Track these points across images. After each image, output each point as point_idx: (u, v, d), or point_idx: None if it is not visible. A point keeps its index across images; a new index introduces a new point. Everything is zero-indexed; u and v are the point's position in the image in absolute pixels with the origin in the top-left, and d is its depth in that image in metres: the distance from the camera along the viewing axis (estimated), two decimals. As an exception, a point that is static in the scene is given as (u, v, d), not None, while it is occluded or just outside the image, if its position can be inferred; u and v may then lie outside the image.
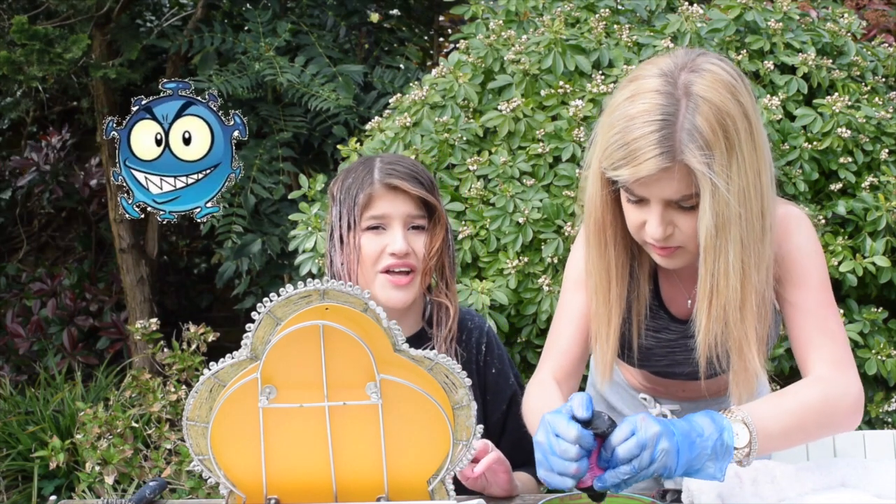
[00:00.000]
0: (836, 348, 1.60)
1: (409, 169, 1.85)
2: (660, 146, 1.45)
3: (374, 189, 1.82)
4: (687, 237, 1.54)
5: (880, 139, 2.85)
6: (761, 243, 1.53)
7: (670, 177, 1.47)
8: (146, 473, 2.88)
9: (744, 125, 1.49)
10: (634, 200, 1.53)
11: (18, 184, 5.04)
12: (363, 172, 1.85)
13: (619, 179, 1.50)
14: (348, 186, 1.85)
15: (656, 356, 1.77)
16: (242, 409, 1.44)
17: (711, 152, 1.45)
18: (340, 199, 1.85)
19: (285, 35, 4.17)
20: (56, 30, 3.86)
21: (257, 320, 1.41)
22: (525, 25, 3.14)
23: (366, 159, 1.90)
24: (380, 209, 1.82)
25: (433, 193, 1.86)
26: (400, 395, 1.43)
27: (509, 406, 1.92)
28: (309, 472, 1.48)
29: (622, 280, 1.65)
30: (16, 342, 4.72)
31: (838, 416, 1.55)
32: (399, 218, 1.82)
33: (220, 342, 3.05)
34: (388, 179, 1.82)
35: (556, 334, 1.76)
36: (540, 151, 2.75)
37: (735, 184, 1.47)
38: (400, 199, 1.82)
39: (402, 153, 2.83)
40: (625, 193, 1.55)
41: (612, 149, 1.49)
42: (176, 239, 5.18)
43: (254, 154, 4.18)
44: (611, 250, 1.63)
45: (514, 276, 2.62)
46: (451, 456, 1.47)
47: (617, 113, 1.51)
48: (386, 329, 1.42)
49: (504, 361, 1.95)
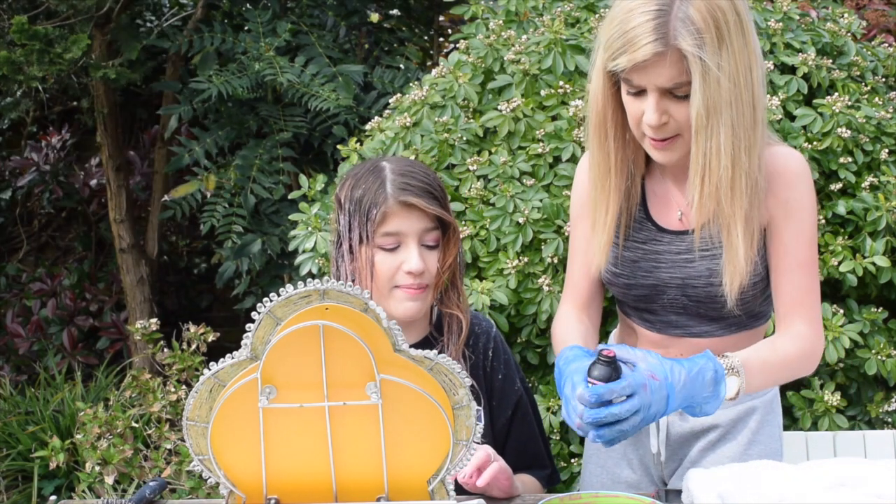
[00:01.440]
0: (816, 307, 1.77)
1: (422, 183, 1.80)
2: (655, 33, 1.59)
3: (388, 206, 1.77)
4: (681, 125, 1.66)
5: (880, 139, 2.84)
6: (752, 131, 1.66)
7: (664, 62, 1.60)
8: (146, 473, 2.88)
9: (734, 20, 1.62)
10: (633, 92, 1.66)
11: (18, 184, 5.04)
12: (374, 184, 1.79)
13: (617, 68, 1.63)
14: (359, 198, 1.79)
15: (642, 271, 1.82)
16: (242, 409, 1.45)
17: (702, 39, 1.59)
18: (350, 210, 1.80)
19: (285, 35, 4.17)
20: (56, 30, 3.86)
21: (257, 320, 1.41)
22: (525, 25, 3.14)
23: (374, 167, 1.84)
24: (394, 226, 1.78)
25: (447, 208, 1.83)
26: (400, 395, 1.43)
27: (514, 411, 1.91)
28: (309, 472, 1.48)
29: (621, 171, 1.78)
30: (16, 342, 4.72)
31: (805, 370, 1.77)
32: (414, 235, 1.79)
33: (220, 342, 3.05)
34: (403, 197, 1.77)
35: (569, 271, 1.94)
36: (540, 151, 2.75)
37: (725, 71, 1.60)
38: (415, 216, 1.79)
39: (402, 153, 2.83)
40: (625, 87, 1.68)
41: (612, 39, 1.63)
42: (176, 239, 5.18)
43: (254, 154, 4.18)
44: (610, 142, 1.76)
45: (514, 276, 2.62)
46: (451, 456, 1.47)
47: (617, 8, 1.65)
48: (386, 329, 1.42)
49: (510, 366, 1.94)
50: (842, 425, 2.62)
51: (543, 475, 1.92)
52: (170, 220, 4.77)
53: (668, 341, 1.86)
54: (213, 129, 4.31)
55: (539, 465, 1.91)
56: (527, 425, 1.92)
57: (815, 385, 2.69)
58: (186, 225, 5.08)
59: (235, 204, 4.14)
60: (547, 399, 2.63)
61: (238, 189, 4.14)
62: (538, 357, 2.69)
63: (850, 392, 2.75)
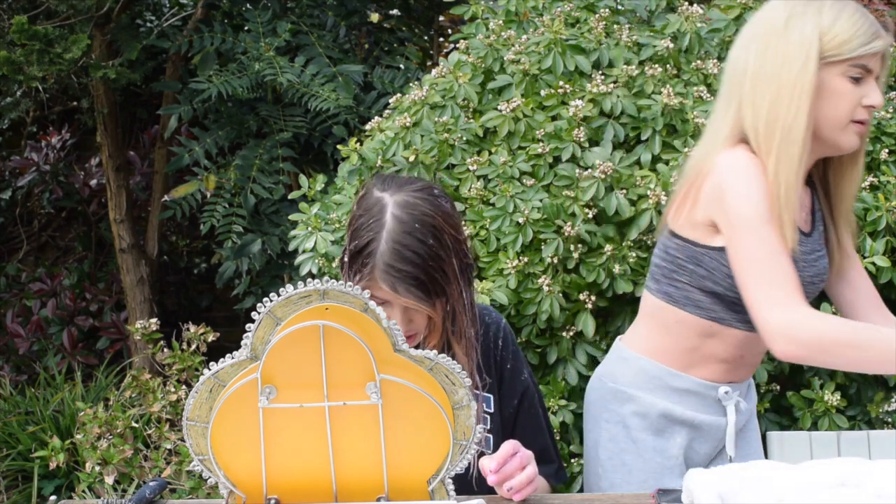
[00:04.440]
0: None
1: (409, 265, 1.69)
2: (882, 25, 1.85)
3: (373, 277, 1.70)
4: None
5: (880, 139, 2.85)
6: None
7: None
8: (146, 473, 2.88)
9: None
10: (857, 78, 1.81)
11: (18, 184, 5.05)
12: (369, 244, 1.71)
13: (872, 50, 1.80)
14: (354, 250, 1.73)
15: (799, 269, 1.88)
16: (242, 409, 1.45)
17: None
18: (348, 252, 1.75)
19: (285, 35, 4.17)
20: (56, 30, 3.86)
21: (257, 320, 1.41)
22: (525, 25, 3.13)
23: (379, 212, 1.73)
24: (377, 293, 1.70)
25: (431, 293, 1.71)
26: (400, 395, 1.43)
27: (521, 401, 1.91)
28: (309, 472, 1.48)
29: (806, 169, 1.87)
30: (16, 342, 4.72)
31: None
32: (398, 306, 1.73)
33: (220, 342, 3.05)
34: (385, 280, 1.69)
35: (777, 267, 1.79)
36: (540, 151, 2.75)
37: None
38: (398, 292, 1.71)
39: (402, 153, 2.83)
40: (845, 75, 1.81)
41: (862, 29, 1.80)
42: (176, 239, 5.18)
43: (254, 154, 4.18)
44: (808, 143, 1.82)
45: (514, 276, 2.62)
46: (451, 456, 1.47)
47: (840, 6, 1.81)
48: (386, 329, 1.42)
49: (518, 358, 1.94)
50: (842, 425, 2.62)
51: (550, 471, 1.92)
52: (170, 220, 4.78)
53: (753, 338, 1.91)
54: (213, 129, 4.31)
55: (546, 460, 1.91)
56: (533, 417, 1.92)
57: (815, 385, 2.69)
58: (186, 225, 5.08)
59: (235, 204, 4.15)
60: (547, 399, 2.63)
61: (238, 189, 4.14)
62: (538, 357, 2.69)
63: (850, 392, 2.75)
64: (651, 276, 1.99)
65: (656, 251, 1.99)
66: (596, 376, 2.08)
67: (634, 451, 1.96)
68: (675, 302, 1.92)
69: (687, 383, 1.95)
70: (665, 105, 2.74)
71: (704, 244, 1.87)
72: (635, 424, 1.96)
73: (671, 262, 1.93)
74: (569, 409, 2.62)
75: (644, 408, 1.96)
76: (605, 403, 2.01)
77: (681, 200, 1.91)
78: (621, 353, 2.03)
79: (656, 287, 1.96)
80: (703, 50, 2.98)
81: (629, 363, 2.00)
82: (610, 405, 2.00)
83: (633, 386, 1.98)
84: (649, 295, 1.99)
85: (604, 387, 2.02)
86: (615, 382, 2.00)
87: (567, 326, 2.65)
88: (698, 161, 1.90)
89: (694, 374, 1.95)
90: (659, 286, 1.95)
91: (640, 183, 2.66)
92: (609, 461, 1.98)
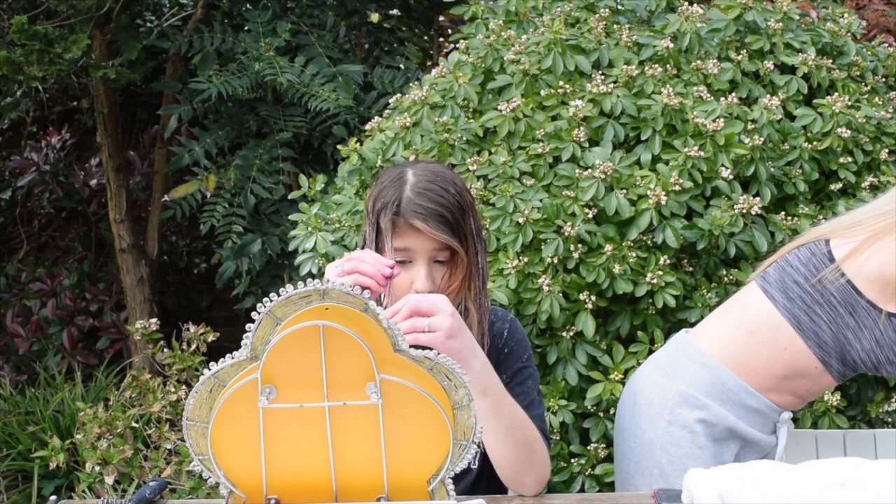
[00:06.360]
0: None
1: (436, 205, 1.78)
2: None
3: (398, 224, 1.78)
4: None
5: (880, 139, 2.85)
6: None
7: None
8: (146, 473, 2.88)
9: None
10: None
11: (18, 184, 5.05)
12: (392, 198, 1.79)
13: None
14: (377, 210, 1.80)
15: None
16: (242, 409, 1.44)
17: None
18: (371, 220, 1.81)
19: (285, 35, 4.17)
20: (56, 30, 3.86)
21: (257, 320, 1.41)
22: (525, 25, 3.14)
23: (398, 177, 1.83)
24: (404, 243, 1.78)
25: (459, 231, 1.80)
26: (400, 395, 1.43)
27: (513, 377, 1.89)
28: (309, 472, 1.48)
29: None
30: (16, 342, 4.72)
31: None
32: (424, 253, 1.79)
33: (220, 342, 3.05)
34: (412, 219, 1.77)
35: None
36: (540, 151, 2.75)
37: None
38: (424, 237, 1.78)
39: (402, 153, 2.83)
40: None
41: None
42: (176, 239, 5.18)
43: (254, 154, 4.18)
44: None
45: (514, 276, 2.62)
46: (451, 456, 1.47)
47: None
48: (386, 329, 1.42)
49: (523, 345, 1.94)
50: (842, 425, 2.62)
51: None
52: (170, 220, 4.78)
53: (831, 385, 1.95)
54: (213, 129, 4.31)
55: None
56: (525, 394, 1.90)
57: (815, 385, 2.69)
58: (186, 225, 5.08)
59: (235, 204, 4.15)
60: (546, 399, 2.63)
61: (238, 189, 4.14)
62: (538, 357, 2.69)
63: (851, 392, 2.75)
64: (780, 285, 1.90)
65: (798, 264, 1.88)
66: (662, 371, 2.02)
67: (698, 458, 1.95)
68: (801, 330, 1.85)
69: (759, 404, 1.94)
70: (665, 105, 2.74)
71: (872, 301, 1.79)
72: (701, 431, 1.95)
73: (820, 292, 1.83)
74: (568, 409, 2.62)
75: (714, 417, 1.95)
76: (672, 405, 1.98)
77: (861, 243, 1.80)
78: (700, 358, 1.98)
79: (785, 304, 1.87)
80: (702, 50, 2.98)
81: (709, 371, 1.96)
82: (678, 409, 1.97)
83: (707, 395, 1.95)
84: (767, 304, 1.89)
85: (672, 387, 1.99)
86: (688, 386, 1.97)
87: (567, 326, 2.65)
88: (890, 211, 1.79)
89: (768, 397, 1.94)
90: (790, 305, 1.86)
91: (640, 183, 2.66)
92: (670, 464, 1.97)
